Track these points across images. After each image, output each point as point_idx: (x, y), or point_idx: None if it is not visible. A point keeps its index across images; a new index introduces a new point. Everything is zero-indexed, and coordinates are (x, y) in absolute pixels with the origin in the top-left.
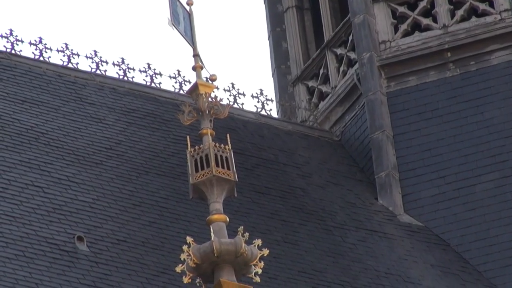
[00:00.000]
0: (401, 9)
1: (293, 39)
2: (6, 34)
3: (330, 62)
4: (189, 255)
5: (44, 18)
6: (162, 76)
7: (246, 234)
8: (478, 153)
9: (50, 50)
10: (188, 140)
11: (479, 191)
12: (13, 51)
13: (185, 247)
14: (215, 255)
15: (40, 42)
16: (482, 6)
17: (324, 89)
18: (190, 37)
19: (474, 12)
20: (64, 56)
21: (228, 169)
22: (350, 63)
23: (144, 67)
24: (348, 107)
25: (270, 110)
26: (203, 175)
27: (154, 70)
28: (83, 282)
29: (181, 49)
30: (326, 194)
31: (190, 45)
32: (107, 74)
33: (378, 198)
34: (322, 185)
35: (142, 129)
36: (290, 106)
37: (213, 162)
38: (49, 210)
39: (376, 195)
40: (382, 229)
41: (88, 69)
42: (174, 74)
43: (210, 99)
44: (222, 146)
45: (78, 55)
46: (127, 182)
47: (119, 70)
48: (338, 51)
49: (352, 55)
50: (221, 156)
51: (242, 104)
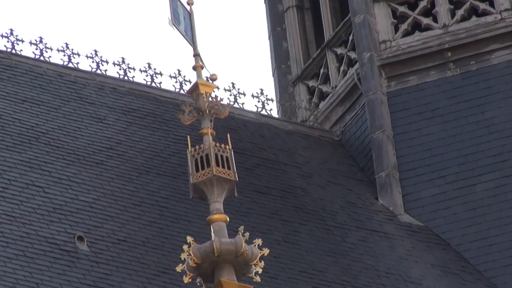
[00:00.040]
0: (401, 8)
1: (293, 39)
2: (6, 33)
3: (330, 62)
4: (189, 255)
5: (44, 17)
6: (163, 75)
7: (247, 234)
8: (478, 152)
9: (51, 49)
10: (188, 139)
11: (480, 191)
12: (13, 51)
13: (185, 247)
14: (216, 255)
15: (40, 41)
16: (482, 6)
17: (324, 88)
18: (190, 36)
19: (474, 11)
20: (64, 55)
21: (228, 168)
22: (351, 63)
23: (144, 67)
24: (348, 107)
25: (271, 109)
26: (204, 175)
27: (155, 69)
28: (84, 282)
29: (181, 48)
30: (327, 194)
31: (191, 44)
32: (108, 73)
33: (379, 198)
34: (322, 184)
35: (143, 128)
36: (290, 105)
37: (213, 162)
38: (49, 209)
39: (376, 195)
40: (382, 229)
41: (88, 68)
42: (175, 73)
43: (210, 99)
44: (223, 145)
45: (79, 55)
46: (128, 182)
47: (120, 69)
48: (339, 51)
49: (352, 55)
50: (221, 155)
51: (243, 103)
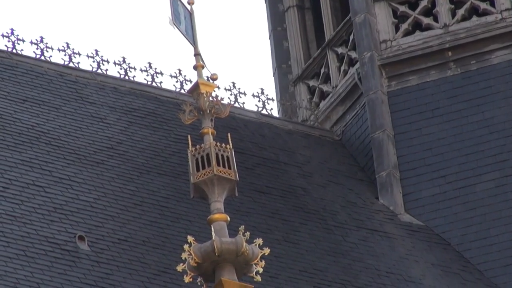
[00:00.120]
0: (402, 8)
1: (294, 39)
2: (7, 33)
3: (331, 62)
4: (190, 254)
5: (45, 17)
6: (163, 75)
7: (247, 233)
8: (478, 152)
9: (51, 49)
10: (189, 139)
11: (480, 191)
12: (14, 50)
13: (186, 246)
14: (216, 254)
15: (41, 41)
16: (483, 6)
17: (325, 88)
18: (191, 36)
19: (475, 11)
20: (65, 55)
21: (229, 168)
22: (351, 63)
23: (145, 66)
24: (349, 107)
25: (271, 109)
26: (204, 174)
27: (155, 69)
28: (84, 281)
29: (182, 48)
30: (327, 194)
31: (191, 44)
32: (108, 73)
33: (379, 197)
34: (323, 184)
35: (143, 128)
36: (291, 105)
37: (214, 161)
38: (50, 209)
39: (377, 195)
40: (382, 228)
41: (89, 68)
42: (175, 73)
43: (211, 98)
44: (223, 145)
45: (79, 54)
46: (128, 182)
47: (120, 69)
48: (339, 51)
49: (353, 55)
50: (222, 155)
51: (243, 103)
